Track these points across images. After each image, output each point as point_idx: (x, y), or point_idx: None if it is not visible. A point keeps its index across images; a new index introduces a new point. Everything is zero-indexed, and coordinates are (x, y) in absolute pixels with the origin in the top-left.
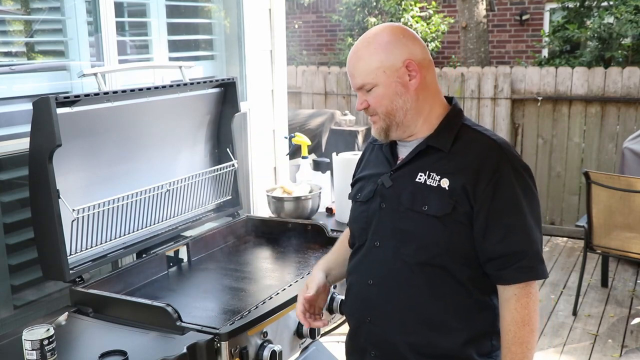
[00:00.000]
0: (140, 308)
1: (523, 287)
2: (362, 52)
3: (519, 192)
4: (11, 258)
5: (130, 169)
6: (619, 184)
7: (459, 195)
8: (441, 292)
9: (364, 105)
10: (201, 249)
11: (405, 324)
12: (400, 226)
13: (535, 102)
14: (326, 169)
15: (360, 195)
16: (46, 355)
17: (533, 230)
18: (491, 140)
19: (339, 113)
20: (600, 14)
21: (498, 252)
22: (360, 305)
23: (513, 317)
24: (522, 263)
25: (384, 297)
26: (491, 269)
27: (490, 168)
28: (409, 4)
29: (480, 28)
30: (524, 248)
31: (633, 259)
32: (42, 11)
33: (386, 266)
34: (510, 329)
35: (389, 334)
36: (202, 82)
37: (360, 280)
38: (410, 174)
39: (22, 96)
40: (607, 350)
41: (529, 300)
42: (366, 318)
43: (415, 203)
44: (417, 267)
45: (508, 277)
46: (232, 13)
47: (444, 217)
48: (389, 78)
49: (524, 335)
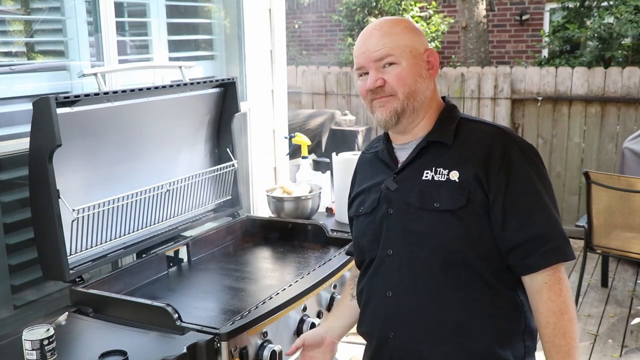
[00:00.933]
0: (140, 308)
1: (553, 274)
2: (388, 29)
3: (532, 174)
4: (11, 258)
5: (130, 169)
6: (619, 184)
7: (472, 186)
8: (465, 292)
9: (379, 82)
10: (201, 249)
11: (432, 333)
12: (412, 228)
13: (535, 102)
14: (326, 169)
15: (362, 208)
16: (46, 355)
17: (552, 210)
18: (493, 127)
19: (339, 113)
20: (600, 14)
21: (520, 239)
22: (381, 321)
23: (549, 307)
24: (548, 245)
25: (405, 308)
26: (515, 259)
27: (499, 154)
28: (409, 4)
29: (480, 28)
30: (547, 230)
31: (633, 259)
32: (42, 11)
33: (402, 274)
34: (549, 321)
35: (417, 346)
36: (202, 82)
37: (377, 294)
38: (415, 174)
39: (22, 96)
40: (607, 350)
41: (561, 287)
42: (389, 333)
43: (426, 201)
44: (438, 269)
45: (534, 264)
46: (232, 13)
47: (459, 211)
48: (414, 59)
49: (564, 324)
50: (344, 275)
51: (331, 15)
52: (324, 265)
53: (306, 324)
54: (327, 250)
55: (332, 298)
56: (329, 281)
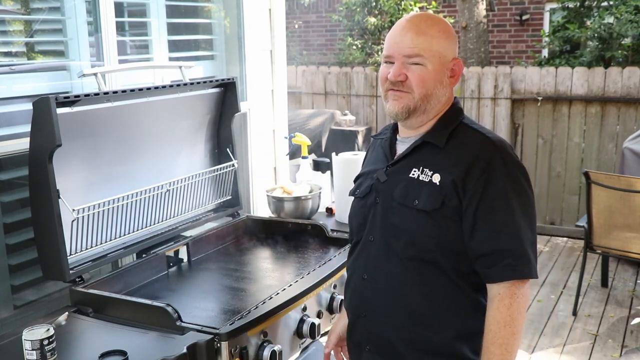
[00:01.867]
0: (140, 308)
1: (508, 287)
2: (425, 28)
3: (510, 190)
4: (11, 258)
5: (130, 169)
6: (619, 184)
7: (449, 190)
8: (432, 288)
9: (401, 77)
10: (201, 249)
11: (396, 319)
12: (391, 221)
13: (535, 102)
14: (326, 169)
15: (358, 191)
16: (46, 355)
17: (522, 229)
18: (486, 138)
19: (339, 113)
20: (600, 14)
21: (485, 250)
22: (356, 301)
23: (494, 316)
24: (508, 261)
25: (377, 292)
26: (479, 267)
27: (482, 164)
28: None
29: (480, 28)
30: (510, 247)
31: (633, 259)
32: (42, 11)
33: (379, 261)
34: (490, 329)
35: (382, 329)
36: (202, 82)
37: (357, 275)
38: (405, 169)
39: (22, 96)
40: (607, 350)
41: (512, 302)
42: (361, 313)
43: (407, 198)
44: (408, 262)
45: (493, 275)
46: (232, 13)
47: (433, 212)
48: (441, 65)
49: (504, 336)
50: (344, 275)
51: (331, 15)
52: (324, 265)
53: (306, 324)
54: (327, 250)
55: (332, 298)
56: (329, 281)
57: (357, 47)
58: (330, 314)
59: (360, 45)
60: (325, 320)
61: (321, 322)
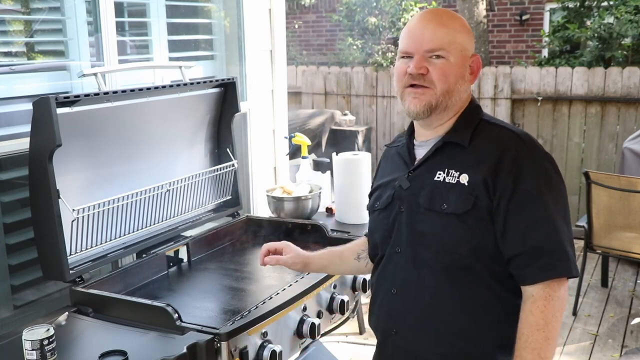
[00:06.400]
0: (140, 308)
1: (543, 289)
2: (446, 21)
3: (541, 183)
4: (11, 258)
5: (130, 169)
6: (619, 184)
7: (479, 190)
8: (468, 297)
9: (422, 70)
10: (201, 249)
11: (432, 335)
12: (419, 229)
13: (535, 102)
14: (326, 169)
15: (378, 203)
16: (46, 355)
17: (558, 224)
18: (510, 132)
19: (339, 113)
20: (600, 14)
21: (519, 249)
22: (385, 317)
23: (527, 319)
24: (544, 260)
25: (408, 307)
26: (514, 268)
27: (510, 159)
28: (409, 4)
29: (480, 28)
30: (546, 243)
31: (633, 259)
32: (42, 11)
33: (407, 273)
34: (523, 332)
35: (415, 346)
36: (202, 82)
37: (383, 290)
38: (428, 173)
39: (22, 96)
40: (607, 350)
41: (546, 304)
42: (391, 330)
43: (434, 203)
44: (441, 271)
45: (529, 276)
46: (232, 13)
47: (464, 215)
48: (462, 59)
49: (536, 340)
50: (343, 275)
51: (331, 15)
52: None
53: (306, 324)
54: None
55: (332, 298)
56: (329, 281)
57: (357, 47)
58: (330, 314)
59: (360, 45)
60: (325, 320)
61: (321, 322)
